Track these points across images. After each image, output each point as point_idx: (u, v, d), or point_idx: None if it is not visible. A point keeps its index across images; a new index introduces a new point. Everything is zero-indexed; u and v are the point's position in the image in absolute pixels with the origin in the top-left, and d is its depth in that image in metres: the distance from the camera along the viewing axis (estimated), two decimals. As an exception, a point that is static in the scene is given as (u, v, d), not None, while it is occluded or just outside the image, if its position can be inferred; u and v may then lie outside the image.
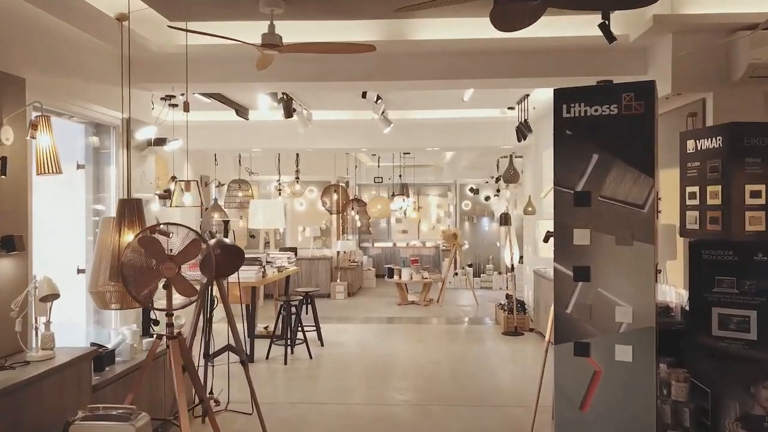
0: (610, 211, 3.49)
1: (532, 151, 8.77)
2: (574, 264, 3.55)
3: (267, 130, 8.93)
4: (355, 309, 10.75)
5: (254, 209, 7.69)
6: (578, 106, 3.56)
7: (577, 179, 3.57)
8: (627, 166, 3.44)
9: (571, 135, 3.60)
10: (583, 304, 3.52)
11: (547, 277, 7.42)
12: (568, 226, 3.59)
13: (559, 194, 3.63)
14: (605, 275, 3.49)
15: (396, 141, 8.90)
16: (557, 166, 3.65)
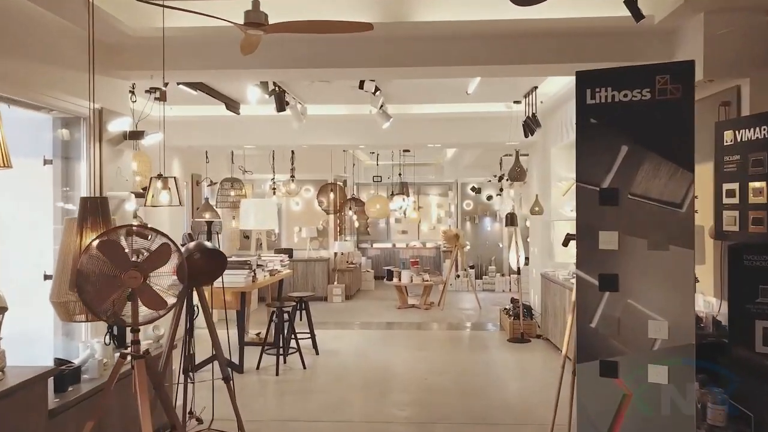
0: (641, 210, 3.05)
1: (539, 147, 8.33)
2: (600, 271, 3.11)
3: (259, 126, 8.48)
4: (352, 313, 10.31)
5: (245, 209, 7.25)
6: (604, 90, 3.12)
7: (603, 174, 3.13)
8: (662, 159, 3.01)
9: (596, 124, 3.16)
10: (611, 318, 3.08)
11: (556, 281, 6.98)
12: (593, 228, 3.14)
13: (582, 192, 3.19)
14: (636, 284, 3.05)
15: (395, 137, 8.45)
16: (580, 159, 3.21)
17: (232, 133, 8.55)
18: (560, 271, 7.21)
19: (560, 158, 7.86)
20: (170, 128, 8.47)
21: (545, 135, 8.05)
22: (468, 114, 8.06)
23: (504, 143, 8.39)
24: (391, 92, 7.23)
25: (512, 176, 7.61)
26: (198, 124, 8.45)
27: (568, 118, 7.02)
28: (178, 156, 8.84)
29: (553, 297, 7.14)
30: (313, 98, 7.63)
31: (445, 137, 8.45)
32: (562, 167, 7.86)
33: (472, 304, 11.16)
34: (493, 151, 10.91)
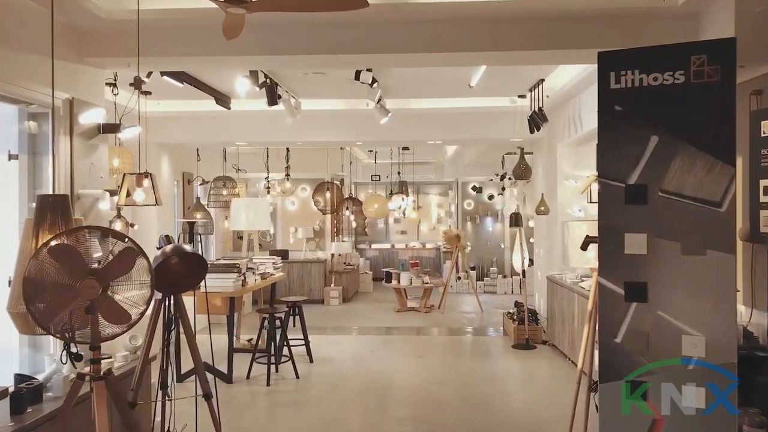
0: (674, 210, 2.68)
1: (545, 144, 7.95)
2: (626, 279, 2.74)
3: (252, 122, 8.10)
4: (350, 317, 9.93)
5: (236, 209, 6.87)
6: (631, 73, 2.74)
7: (629, 169, 2.76)
8: (697, 152, 2.63)
9: (621, 112, 2.78)
10: (638, 332, 2.71)
11: (564, 284, 6.61)
12: (618, 230, 2.77)
13: (605, 189, 2.81)
14: (668, 294, 2.68)
15: (394, 133, 8.08)
16: (602, 152, 2.83)
17: (224, 130, 8.17)
18: (568, 274, 6.84)
19: (567, 155, 7.49)
20: (158, 124, 8.12)
21: (551, 131, 7.68)
22: (470, 109, 7.69)
23: (508, 140, 8.02)
24: (389, 85, 6.86)
25: (517, 174, 7.23)
26: (187, 120, 8.07)
27: (576, 112, 6.65)
28: (167, 153, 8.47)
29: (560, 301, 6.77)
30: (308, 92, 7.26)
31: (446, 133, 8.08)
32: (569, 165, 7.49)
33: (473, 307, 10.79)
34: (495, 149, 10.52)
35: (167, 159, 8.49)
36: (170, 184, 8.67)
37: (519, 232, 7.56)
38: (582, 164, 7.26)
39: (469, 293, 12.33)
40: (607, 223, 2.80)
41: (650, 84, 2.70)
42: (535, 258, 8.41)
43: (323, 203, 10.88)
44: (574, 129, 6.77)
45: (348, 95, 7.41)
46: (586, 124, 6.38)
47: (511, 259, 8.06)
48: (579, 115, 6.56)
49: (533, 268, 8.90)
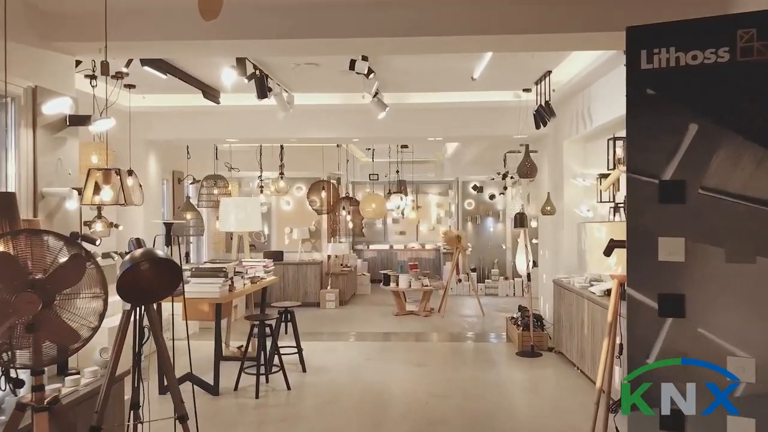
0: (717, 210, 2.30)
1: (550, 141, 7.57)
2: (660, 291, 2.37)
3: (243, 118, 7.72)
4: (346, 321, 9.55)
5: (225, 209, 6.48)
6: (666, 51, 2.36)
7: (663, 162, 2.38)
8: (744, 142, 2.25)
9: (654, 96, 2.40)
10: (675, 352, 2.33)
11: (571, 288, 6.23)
12: (650, 233, 2.39)
13: (635, 185, 2.43)
14: (710, 309, 2.30)
15: (392, 129, 7.69)
16: (632, 143, 2.45)
17: (214, 126, 7.79)
18: (576, 278, 6.46)
19: (574, 152, 7.11)
20: (144, 120, 7.73)
21: (557, 128, 7.30)
22: (473, 104, 7.31)
23: (511, 136, 7.63)
24: (387, 79, 6.49)
25: (521, 172, 6.86)
26: (175, 116, 7.69)
27: (585, 107, 6.27)
28: (154, 151, 8.08)
29: (568, 307, 6.39)
30: (301, 85, 6.87)
31: (447, 130, 7.69)
32: (577, 162, 7.11)
33: (474, 311, 10.42)
34: (498, 147, 10.16)
35: (155, 157, 8.10)
36: (158, 183, 8.29)
37: (523, 233, 7.18)
38: (590, 162, 6.88)
39: (470, 296, 11.96)
40: (637, 225, 2.42)
41: (688, 63, 2.32)
42: (540, 260, 8.03)
43: (319, 203, 10.50)
44: (582, 124, 6.39)
45: (344, 89, 7.03)
46: (595, 118, 6.00)
47: (515, 261, 7.67)
48: (588, 109, 6.19)
49: (538, 271, 8.52)
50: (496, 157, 11.41)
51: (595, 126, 6.01)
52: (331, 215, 11.24)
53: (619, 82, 5.53)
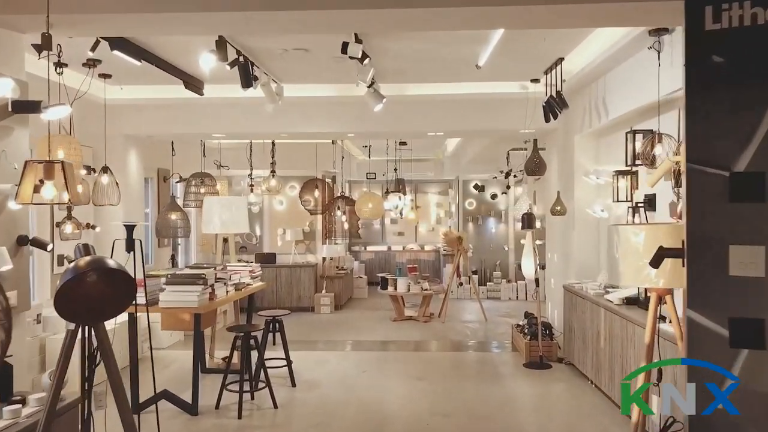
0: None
1: (560, 136, 7.06)
2: (732, 314, 1.84)
3: (229, 111, 7.19)
4: (341, 327, 9.03)
5: (209, 209, 5.96)
6: (738, 7, 1.84)
7: (735, 150, 1.86)
8: None
9: (722, 65, 1.88)
10: (752, 393, 1.81)
11: (585, 295, 5.73)
12: (717, 240, 1.87)
13: (696, 179, 1.91)
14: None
15: (390, 124, 7.18)
16: (693, 125, 1.93)
17: (198, 120, 7.26)
18: (589, 284, 5.95)
19: (586, 148, 6.60)
20: (123, 113, 7.20)
21: (567, 121, 6.79)
22: (476, 96, 6.80)
23: (517, 131, 7.12)
24: (384, 67, 5.98)
25: (529, 169, 6.34)
26: (156, 109, 7.17)
27: (599, 97, 5.76)
28: (136, 147, 7.55)
29: (580, 315, 5.87)
30: (290, 75, 6.35)
31: (448, 123, 7.17)
32: (589, 158, 6.60)
33: (476, 316, 9.92)
34: (501, 143, 9.65)
35: (136, 153, 7.58)
36: (140, 182, 7.76)
37: (531, 234, 6.66)
38: (604, 158, 6.37)
39: (472, 299, 11.46)
40: (699, 230, 1.90)
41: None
42: (548, 264, 7.50)
43: (313, 202, 9.98)
44: (596, 117, 5.88)
45: (337, 79, 6.52)
46: (612, 110, 5.48)
47: (520, 264, 7.16)
48: (603, 100, 5.67)
49: (544, 275, 8.01)
50: (498, 155, 10.91)
51: (612, 118, 5.50)
52: (326, 215, 10.72)
53: (641, 68, 5.04)
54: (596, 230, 6.59)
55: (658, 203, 5.03)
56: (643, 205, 5.13)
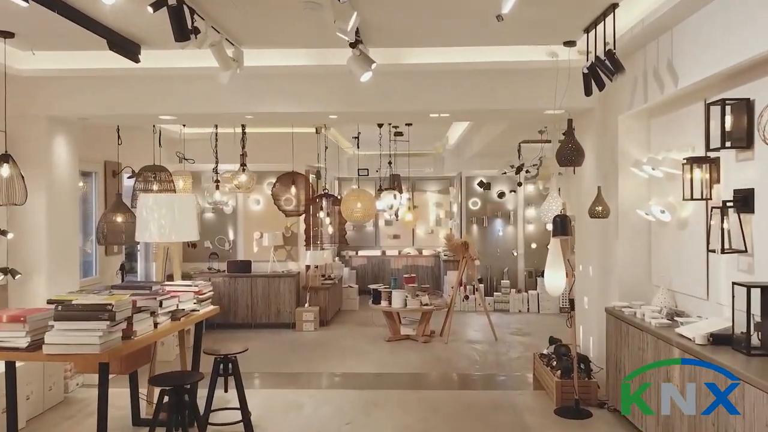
0: None
1: (596, 118, 5.59)
2: None
3: (180, 86, 5.70)
4: (325, 351, 7.56)
5: (143, 210, 4.45)
6: None
7: None
8: None
9: None
10: None
11: (641, 325, 4.27)
12: None
13: None
14: None
15: (382, 101, 5.69)
16: None
17: (139, 98, 5.75)
18: (642, 308, 4.51)
19: (634, 131, 5.15)
20: (43, 88, 5.64)
21: (606, 99, 5.34)
22: (491, 66, 5.35)
23: (543, 111, 5.65)
24: (372, 24, 4.50)
25: (563, 158, 4.86)
26: (85, 83, 5.67)
27: (660, 61, 4.30)
28: (64, 132, 6.03)
29: (635, 351, 4.40)
30: (252, 36, 4.87)
31: (455, 101, 5.66)
32: (638, 145, 5.14)
33: (484, 334, 8.49)
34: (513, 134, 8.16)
35: (64, 140, 6.06)
36: (72, 176, 6.24)
37: (565, 243, 5.18)
38: (661, 143, 4.90)
39: (477, 312, 10.04)
40: None
41: None
42: (580, 279, 6.02)
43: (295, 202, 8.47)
44: (655, 88, 4.41)
45: (313, 42, 5.06)
46: (683, 75, 4.02)
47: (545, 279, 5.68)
48: (667, 64, 4.20)
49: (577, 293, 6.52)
50: (507, 149, 9.45)
51: (682, 87, 4.04)
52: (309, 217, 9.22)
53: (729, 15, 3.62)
54: (648, 236, 5.12)
55: (758, 201, 3.58)
56: (735, 204, 3.67)
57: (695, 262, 4.32)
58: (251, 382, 6.04)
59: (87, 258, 7.38)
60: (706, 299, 4.21)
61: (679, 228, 4.60)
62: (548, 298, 10.34)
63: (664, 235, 4.86)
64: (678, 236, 4.61)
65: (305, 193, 7.87)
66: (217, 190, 7.56)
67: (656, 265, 5.01)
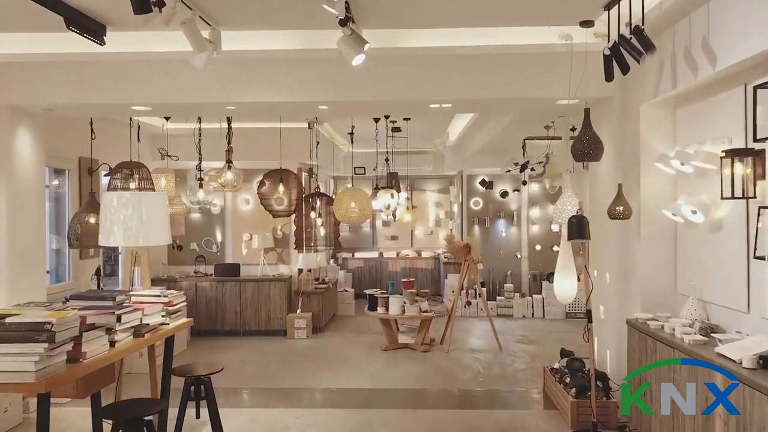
0: None
1: (614, 108, 5.05)
2: None
3: (153, 73, 5.17)
4: (316, 362, 7.03)
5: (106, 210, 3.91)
6: None
7: None
8: None
9: None
10: None
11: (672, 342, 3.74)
12: None
13: None
14: None
15: (376, 89, 5.15)
16: None
17: (109, 85, 5.21)
18: (671, 321, 3.98)
19: (658, 121, 4.63)
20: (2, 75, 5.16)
21: (626, 87, 4.82)
22: (497, 50, 4.82)
23: (555, 100, 5.12)
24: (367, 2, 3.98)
25: (579, 153, 4.33)
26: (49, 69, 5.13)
27: (695, 40, 3.76)
28: (28, 124, 5.50)
29: (665, 371, 3.86)
30: (231, 15, 4.33)
31: (458, 90, 5.12)
32: (662, 136, 4.61)
33: (487, 341, 7.98)
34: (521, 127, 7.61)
35: (29, 133, 5.52)
36: (37, 173, 5.69)
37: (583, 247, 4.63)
38: (690, 135, 4.37)
39: (479, 317, 9.52)
40: None
41: None
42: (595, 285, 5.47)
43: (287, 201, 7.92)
44: (687, 71, 3.88)
45: (301, 22, 4.52)
46: (723, 55, 3.49)
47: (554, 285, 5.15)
48: (703, 43, 3.67)
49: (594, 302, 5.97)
50: (510, 145, 8.94)
51: (721, 69, 3.51)
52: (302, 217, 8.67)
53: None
54: (673, 239, 4.59)
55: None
56: (787, 204, 3.14)
57: (733, 269, 3.78)
58: (234, 399, 5.51)
59: (64, 261, 6.87)
60: (746, 312, 3.68)
61: (712, 230, 4.06)
62: (554, 303, 9.81)
63: (693, 238, 4.33)
64: (711, 240, 4.07)
65: (297, 192, 7.32)
66: (201, 189, 7.02)
67: (683, 272, 4.48)
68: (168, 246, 9.04)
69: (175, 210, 7.22)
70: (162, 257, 8.99)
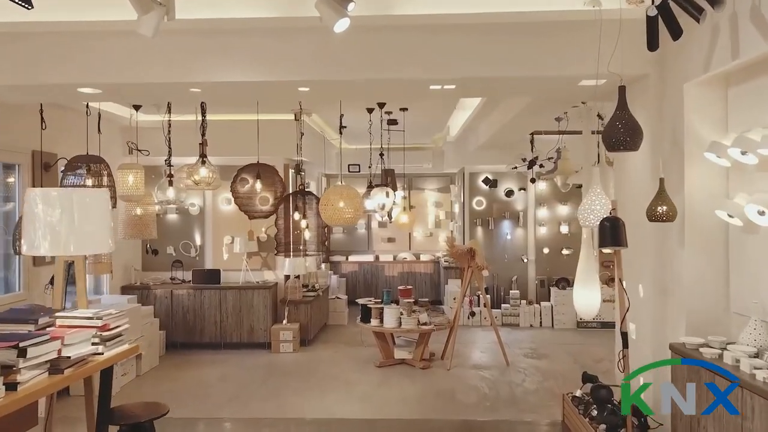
0: None
1: (650, 88, 4.24)
2: None
3: (104, 46, 4.35)
4: (302, 382, 6.24)
5: (30, 212, 3.10)
6: None
7: None
8: None
9: None
10: None
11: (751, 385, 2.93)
12: None
13: None
14: None
15: (366, 65, 4.33)
16: None
17: (43, 61, 4.39)
18: (737, 350, 3.18)
19: (706, 103, 3.82)
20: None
21: (665, 61, 4.02)
22: (510, 18, 4.01)
23: (578, 80, 4.32)
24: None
25: (612, 140, 3.52)
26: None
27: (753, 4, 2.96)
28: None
29: (721, 411, 3.07)
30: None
31: (463, 67, 4.31)
32: (711, 123, 3.81)
33: (492, 356, 7.21)
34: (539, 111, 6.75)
35: None
36: None
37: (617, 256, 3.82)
38: (750, 118, 3.56)
39: (483, 326, 8.75)
40: None
41: None
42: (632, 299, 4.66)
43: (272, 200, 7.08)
44: (751, 39, 3.08)
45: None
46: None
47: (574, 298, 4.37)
48: None
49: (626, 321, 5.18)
50: (516, 140, 8.17)
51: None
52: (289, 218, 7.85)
53: None
54: (725, 246, 3.79)
55: None
56: None
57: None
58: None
59: (14, 267, 6.07)
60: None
61: (780, 235, 3.27)
62: (563, 312, 9.04)
63: (753, 246, 3.53)
64: (780, 247, 3.28)
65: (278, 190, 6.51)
66: (171, 187, 6.21)
67: (738, 286, 3.68)
68: (142, 250, 8.25)
69: (146, 210, 6.44)
70: (135, 263, 8.18)
